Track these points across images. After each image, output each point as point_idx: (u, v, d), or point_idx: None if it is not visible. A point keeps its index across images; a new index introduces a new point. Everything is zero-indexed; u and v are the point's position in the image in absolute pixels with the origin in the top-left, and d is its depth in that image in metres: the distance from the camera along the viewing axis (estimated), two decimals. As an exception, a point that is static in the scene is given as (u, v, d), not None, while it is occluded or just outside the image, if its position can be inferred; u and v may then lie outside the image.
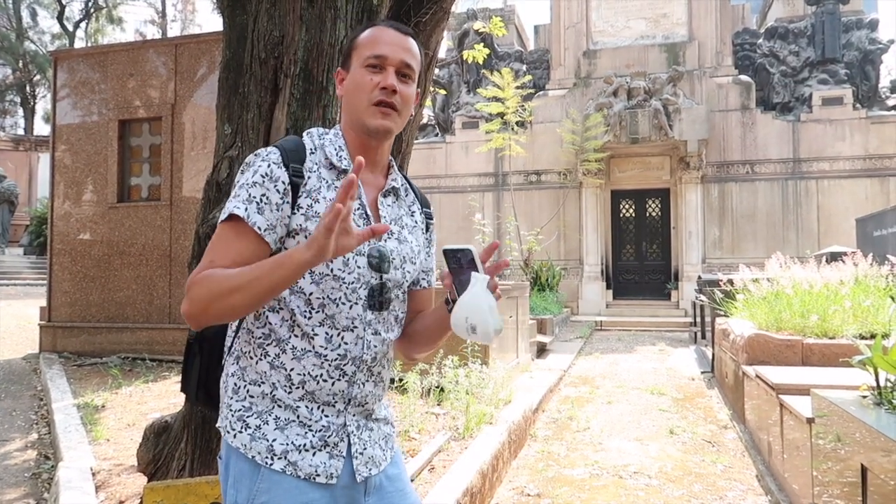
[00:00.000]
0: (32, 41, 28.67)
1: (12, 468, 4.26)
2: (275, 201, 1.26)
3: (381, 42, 1.35)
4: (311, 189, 1.30)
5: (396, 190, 1.44)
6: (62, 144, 8.34)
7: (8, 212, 20.95)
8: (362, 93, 1.34)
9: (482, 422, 4.56)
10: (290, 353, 1.28)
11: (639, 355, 9.96)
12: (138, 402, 5.48)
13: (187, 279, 1.24)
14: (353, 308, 1.30)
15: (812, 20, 16.38)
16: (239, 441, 1.28)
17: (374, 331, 1.33)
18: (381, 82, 1.33)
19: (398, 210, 1.44)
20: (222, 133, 2.79)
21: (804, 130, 15.20)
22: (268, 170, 1.27)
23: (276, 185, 1.26)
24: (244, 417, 1.28)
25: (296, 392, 1.28)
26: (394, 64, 1.35)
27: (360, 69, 1.35)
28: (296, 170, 1.29)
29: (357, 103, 1.35)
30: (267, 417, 1.27)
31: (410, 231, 1.44)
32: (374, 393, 1.36)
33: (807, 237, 14.82)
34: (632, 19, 16.89)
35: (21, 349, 8.63)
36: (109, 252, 7.92)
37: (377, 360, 1.35)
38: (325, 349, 1.28)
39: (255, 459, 1.25)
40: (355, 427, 1.32)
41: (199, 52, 7.78)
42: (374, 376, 1.36)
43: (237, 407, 1.30)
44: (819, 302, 5.47)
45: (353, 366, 1.31)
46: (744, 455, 4.77)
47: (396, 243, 1.38)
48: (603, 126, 15.10)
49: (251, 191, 1.26)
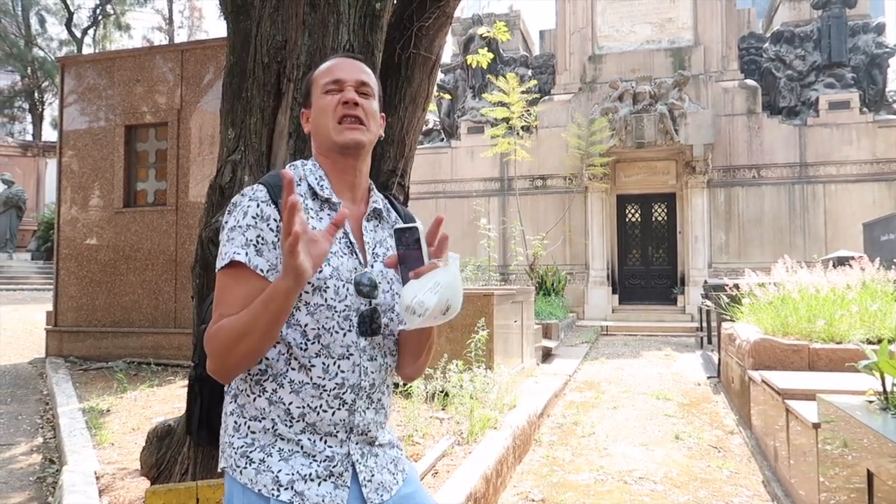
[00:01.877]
0: (41, 48, 28.86)
1: (17, 472, 4.27)
2: (270, 240, 1.27)
3: (336, 68, 1.41)
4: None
5: (378, 212, 1.45)
6: (69, 150, 8.39)
7: (16, 217, 21.05)
8: (326, 115, 1.38)
9: (486, 426, 4.55)
10: (288, 387, 1.28)
11: (645, 360, 9.92)
12: (143, 406, 5.49)
13: (204, 336, 1.25)
14: (346, 336, 1.30)
15: (818, 24, 16.34)
16: (245, 477, 1.27)
17: (370, 357, 1.34)
18: (342, 98, 1.37)
19: (382, 232, 1.44)
20: (226, 137, 2.80)
21: (811, 134, 15.14)
22: (258, 210, 1.28)
23: (268, 223, 1.27)
24: (247, 453, 1.28)
25: (297, 426, 1.28)
26: (351, 84, 1.39)
27: (319, 98, 1.40)
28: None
29: (324, 126, 1.38)
30: (270, 450, 1.27)
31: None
32: (375, 420, 1.36)
33: (814, 242, 14.75)
34: (637, 24, 16.88)
35: (28, 353, 8.67)
36: (115, 257, 7.95)
37: (376, 387, 1.35)
38: (322, 379, 1.28)
39: (262, 493, 1.25)
40: (359, 455, 1.32)
41: (204, 57, 7.83)
42: (374, 403, 1.36)
43: (239, 444, 1.30)
44: (826, 306, 5.43)
45: (353, 394, 1.31)
46: (750, 460, 4.74)
47: (382, 266, 1.38)
48: (608, 131, 15.09)
49: (246, 234, 1.26)
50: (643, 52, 16.67)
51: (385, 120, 1.49)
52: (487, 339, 5.86)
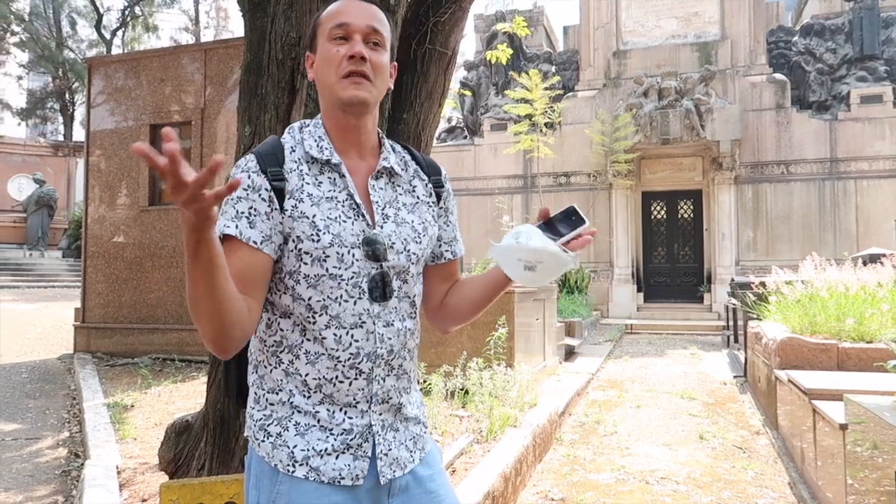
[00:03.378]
0: (71, 50, 29.38)
1: (43, 465, 4.35)
2: (263, 210, 1.23)
3: (344, 12, 1.30)
4: (294, 189, 1.26)
5: (390, 170, 1.36)
6: (96, 149, 8.53)
7: (47, 216, 21.50)
8: (330, 67, 1.28)
9: (506, 425, 4.52)
10: (304, 358, 1.25)
11: (669, 359, 9.80)
12: (166, 401, 5.55)
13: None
14: (357, 303, 1.25)
15: (850, 16, 15.98)
16: (263, 450, 1.26)
17: (386, 322, 1.28)
18: (349, 51, 1.27)
19: (392, 191, 1.36)
20: (242, 135, 2.81)
21: (842, 129, 14.81)
22: (248, 181, 1.23)
23: (259, 194, 1.23)
24: (265, 426, 1.27)
25: (314, 396, 1.25)
26: (360, 30, 1.28)
27: (325, 45, 1.30)
28: (275, 174, 1.25)
29: (327, 79, 1.29)
30: (287, 423, 1.25)
31: (411, 210, 1.36)
32: (396, 387, 1.31)
33: (844, 239, 14.43)
34: (662, 19, 16.67)
35: (56, 349, 8.83)
36: (141, 254, 8.06)
37: (395, 353, 1.29)
38: (336, 350, 1.24)
39: (277, 468, 1.24)
40: (380, 427, 1.28)
41: (227, 56, 7.89)
42: (394, 370, 1.30)
43: (258, 416, 1.28)
44: (855, 305, 5.31)
45: (370, 362, 1.26)
46: (776, 462, 4.65)
47: (394, 226, 1.31)
48: (633, 127, 14.92)
49: (237, 206, 1.22)
50: (668, 46, 16.45)
51: (396, 71, 1.40)
52: (508, 337, 5.82)
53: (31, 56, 29.89)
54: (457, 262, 1.50)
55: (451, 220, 1.48)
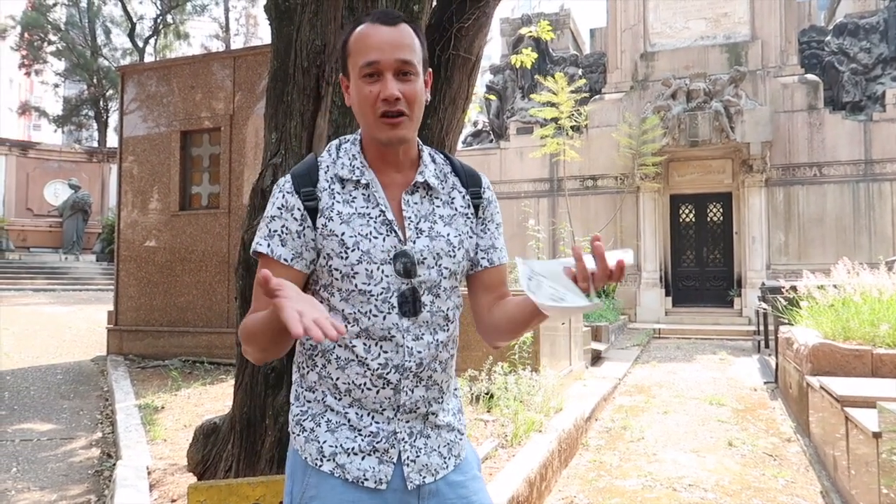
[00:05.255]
0: (105, 58, 30.05)
1: (77, 465, 4.44)
2: (294, 229, 1.29)
3: (371, 47, 1.28)
4: (325, 207, 1.30)
5: (426, 185, 1.36)
6: (129, 155, 8.70)
7: (82, 220, 22.02)
8: (366, 107, 1.29)
9: (531, 429, 4.50)
10: (335, 363, 1.30)
11: (698, 364, 9.66)
12: (195, 403, 5.64)
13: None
14: (386, 318, 1.28)
15: (885, 15, 15.64)
16: (297, 444, 1.34)
17: (416, 336, 1.29)
18: (382, 93, 1.27)
19: (430, 204, 1.36)
20: (269, 141, 2.85)
21: (877, 130, 14.49)
22: (283, 200, 1.31)
23: (292, 213, 1.30)
24: (301, 421, 1.33)
25: (344, 399, 1.30)
26: (389, 67, 1.28)
27: (357, 81, 1.30)
28: (307, 193, 1.30)
29: (364, 117, 1.32)
30: (320, 420, 1.31)
31: (448, 223, 1.36)
32: (425, 397, 1.32)
33: (880, 242, 14.10)
34: (691, 20, 16.48)
35: (90, 351, 9.02)
36: (172, 258, 8.20)
37: (425, 366, 1.31)
38: (365, 358, 1.28)
39: (307, 461, 1.30)
40: (407, 434, 1.31)
41: (256, 63, 8.00)
42: (423, 381, 1.31)
43: (296, 412, 1.36)
44: (890, 310, 5.19)
45: (398, 374, 1.28)
46: (808, 470, 4.56)
47: (427, 241, 1.32)
48: (660, 129, 14.76)
49: (270, 225, 1.31)
50: (697, 48, 16.26)
51: (431, 78, 1.40)
52: (533, 341, 5.80)
53: (67, 64, 30.69)
54: (499, 271, 1.46)
55: (490, 228, 1.45)
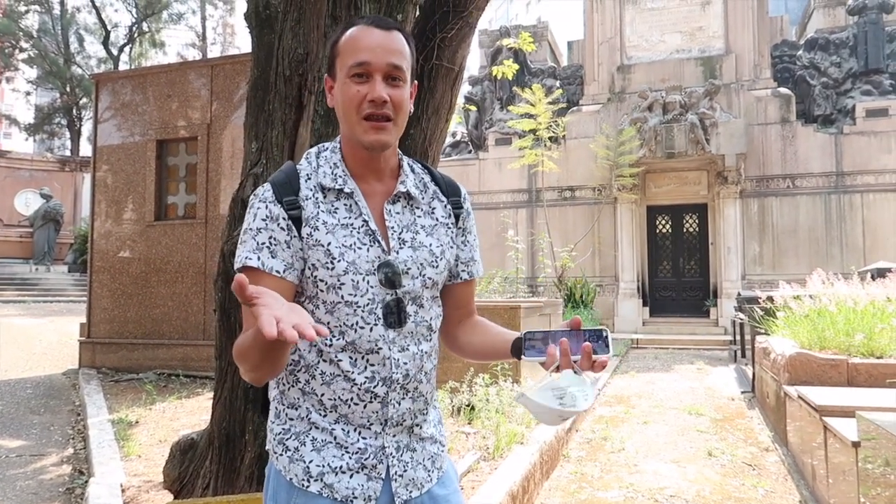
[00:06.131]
0: (79, 66, 29.63)
1: (47, 483, 4.32)
2: (283, 240, 1.25)
3: (363, 48, 1.27)
4: (309, 217, 1.27)
5: (408, 194, 1.35)
6: (103, 164, 8.57)
7: (54, 230, 21.62)
8: (351, 107, 1.28)
9: (513, 441, 4.48)
10: (320, 379, 1.26)
11: (676, 374, 9.72)
12: (171, 417, 5.53)
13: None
14: (373, 330, 1.26)
15: (854, 30, 16.00)
16: (280, 464, 1.28)
17: (402, 347, 1.28)
18: (369, 94, 1.26)
19: (411, 214, 1.35)
20: (249, 150, 2.81)
21: (847, 143, 14.79)
22: (267, 211, 1.26)
23: (277, 223, 1.25)
24: (284, 440, 1.29)
25: (330, 416, 1.27)
26: (380, 70, 1.27)
27: (345, 80, 1.28)
28: (290, 202, 1.26)
29: (348, 118, 1.30)
30: (304, 439, 1.27)
31: (429, 232, 1.36)
32: (412, 409, 1.31)
33: (851, 253, 14.36)
34: (667, 33, 16.72)
35: (62, 365, 8.82)
36: (147, 269, 8.07)
37: (411, 377, 1.29)
38: (351, 373, 1.25)
39: (293, 482, 1.25)
40: (395, 449, 1.29)
41: (234, 72, 7.94)
42: (409, 393, 1.30)
43: (278, 430, 1.31)
44: (865, 320, 5.26)
45: (385, 386, 1.26)
46: (786, 479, 4.59)
47: (411, 251, 1.30)
48: (637, 141, 14.91)
49: (258, 238, 1.25)
50: (673, 61, 16.49)
51: (416, 89, 1.39)
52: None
53: (40, 72, 30.19)
54: (473, 284, 1.48)
55: (469, 241, 1.47)
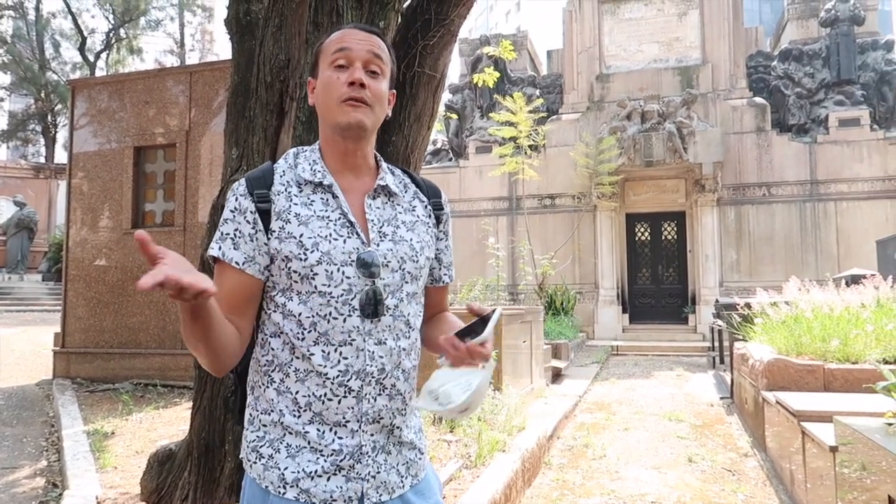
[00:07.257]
0: (54, 72, 29.23)
1: (20, 496, 4.22)
2: (247, 232, 1.27)
3: (346, 38, 1.34)
4: (281, 210, 1.29)
5: (387, 188, 1.38)
6: (79, 171, 8.44)
7: (27, 238, 21.21)
8: (331, 92, 1.32)
9: (495, 449, 4.47)
10: (294, 376, 1.26)
11: (656, 381, 9.79)
12: (148, 428, 5.44)
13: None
14: (346, 321, 1.25)
15: (826, 42, 16.33)
16: (254, 472, 1.27)
17: (378, 340, 1.27)
18: (349, 78, 1.30)
19: (392, 210, 1.38)
20: (230, 157, 2.78)
21: (821, 152, 15.06)
22: (236, 203, 1.29)
23: (244, 216, 1.28)
24: (258, 448, 1.28)
25: (304, 416, 1.25)
26: (360, 58, 1.32)
27: (327, 70, 1.34)
28: (261, 196, 1.29)
29: (327, 103, 1.33)
30: (279, 446, 1.25)
31: (410, 228, 1.37)
32: (389, 407, 1.29)
33: (826, 260, 14.59)
34: (644, 43, 16.93)
35: (35, 375, 8.65)
36: (123, 278, 7.95)
37: (387, 372, 1.28)
38: (324, 367, 1.24)
39: (269, 489, 1.24)
40: (371, 448, 1.27)
41: (213, 79, 7.87)
42: (386, 389, 1.28)
43: (251, 437, 1.30)
44: (840, 326, 5.34)
45: (359, 380, 1.25)
46: (766, 484, 4.63)
47: (391, 244, 1.32)
48: (616, 149, 15.05)
49: (223, 228, 1.29)
50: (651, 70, 16.69)
51: (395, 98, 1.43)
52: (495, 360, 5.78)
53: (13, 78, 29.70)
54: (447, 288, 1.52)
55: (449, 244, 1.51)
